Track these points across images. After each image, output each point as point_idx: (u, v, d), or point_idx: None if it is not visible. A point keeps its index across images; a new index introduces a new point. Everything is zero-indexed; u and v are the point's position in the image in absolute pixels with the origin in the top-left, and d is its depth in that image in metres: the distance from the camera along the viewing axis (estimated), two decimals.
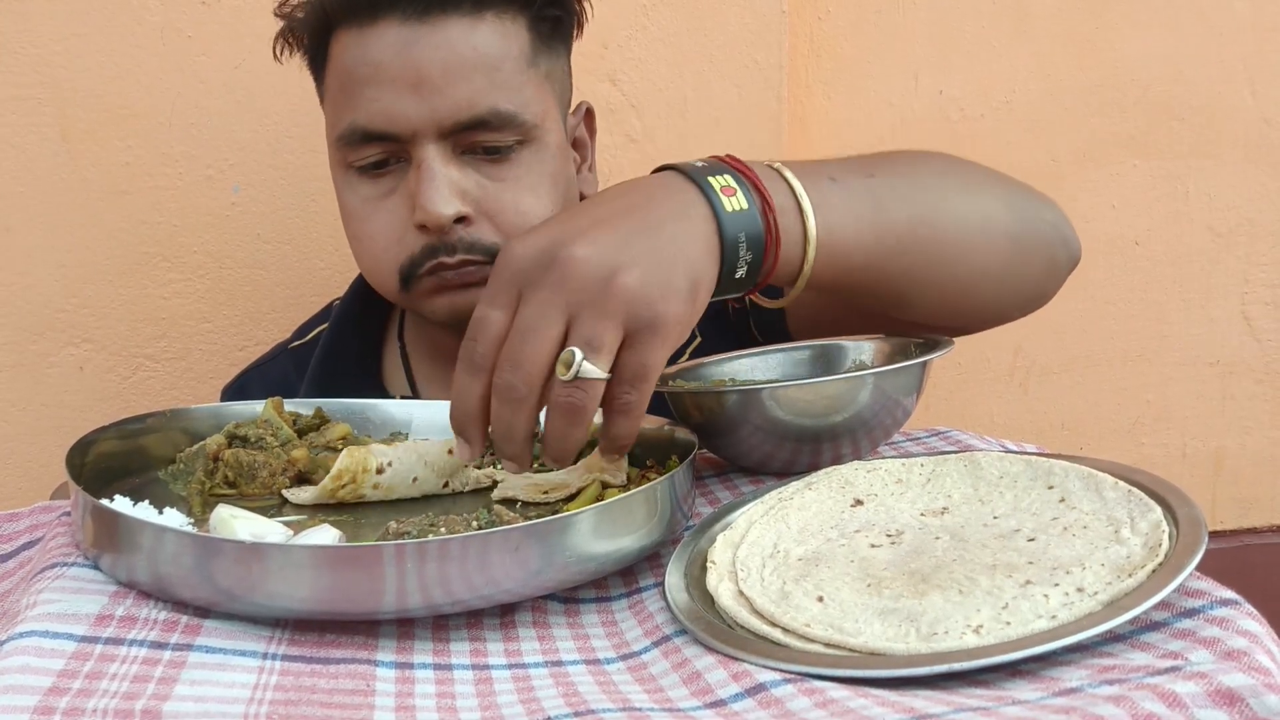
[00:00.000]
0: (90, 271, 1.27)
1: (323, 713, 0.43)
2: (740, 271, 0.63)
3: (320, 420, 0.74)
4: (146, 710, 0.41)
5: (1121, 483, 0.52)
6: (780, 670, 0.44)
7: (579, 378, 0.55)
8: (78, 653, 0.45)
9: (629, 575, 0.57)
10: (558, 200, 0.90)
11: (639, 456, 0.67)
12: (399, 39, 0.83)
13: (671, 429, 0.69)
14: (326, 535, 0.54)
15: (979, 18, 1.47)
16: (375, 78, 0.84)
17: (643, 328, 0.56)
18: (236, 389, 1.08)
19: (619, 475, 0.64)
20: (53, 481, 1.00)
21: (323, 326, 1.06)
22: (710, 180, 0.63)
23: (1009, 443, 0.71)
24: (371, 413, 0.77)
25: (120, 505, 0.58)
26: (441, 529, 0.55)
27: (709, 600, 0.51)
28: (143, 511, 0.58)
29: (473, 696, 0.46)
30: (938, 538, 0.52)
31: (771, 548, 0.53)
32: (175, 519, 0.58)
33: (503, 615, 0.53)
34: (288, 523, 0.59)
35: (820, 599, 0.48)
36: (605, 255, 0.57)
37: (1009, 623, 0.43)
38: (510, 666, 0.48)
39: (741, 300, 0.83)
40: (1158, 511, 0.49)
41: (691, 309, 0.59)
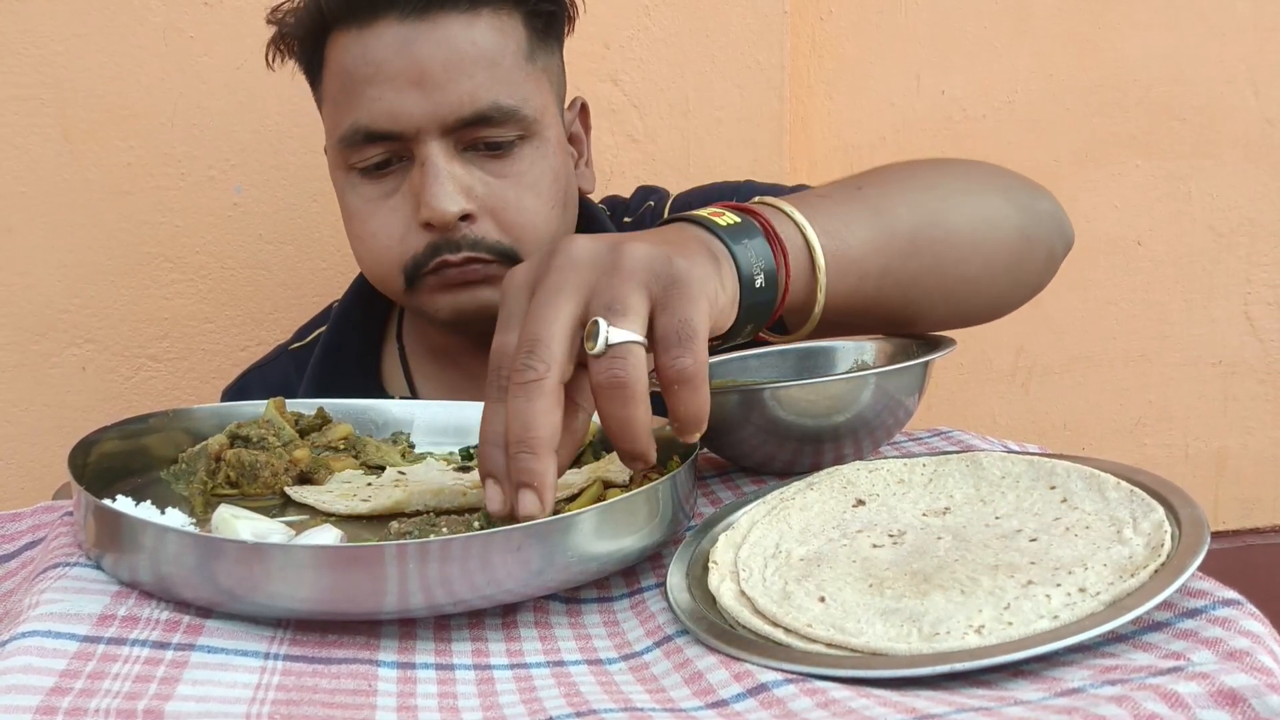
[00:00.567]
0: (92, 272, 1.27)
1: (324, 713, 0.43)
2: (759, 279, 0.59)
3: (322, 420, 0.74)
4: (149, 710, 0.41)
5: (1124, 483, 0.52)
6: (782, 670, 0.44)
7: (610, 346, 0.49)
8: (80, 653, 0.45)
9: (631, 575, 0.57)
10: (558, 195, 0.90)
11: None
12: (399, 37, 0.83)
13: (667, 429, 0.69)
14: (328, 535, 0.55)
15: (980, 18, 1.47)
16: (376, 77, 0.84)
17: (668, 285, 0.51)
18: (237, 390, 1.08)
19: (622, 475, 0.64)
20: (55, 482, 1.00)
21: (323, 328, 1.06)
22: (698, 212, 0.62)
23: (1011, 443, 0.71)
24: (373, 413, 0.77)
25: (122, 505, 0.58)
26: (443, 529, 0.56)
27: (711, 600, 0.51)
28: (145, 512, 0.58)
29: (474, 696, 0.46)
30: (940, 538, 0.52)
31: (773, 548, 0.53)
32: (177, 519, 0.58)
33: (504, 615, 0.53)
34: (290, 522, 0.59)
35: (822, 599, 0.48)
36: (604, 238, 0.54)
37: (1011, 623, 0.43)
38: (512, 666, 0.48)
39: None
40: (1160, 512, 0.49)
41: (715, 272, 0.55)
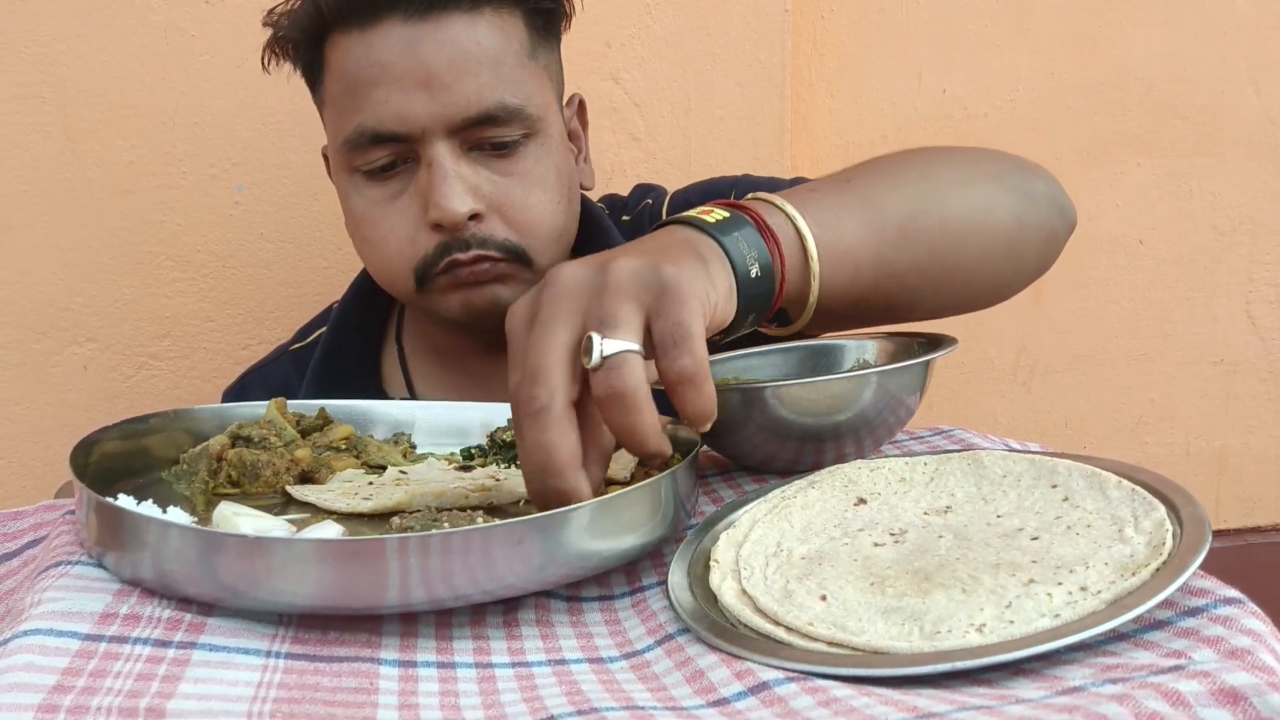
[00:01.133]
0: (94, 270, 1.27)
1: (326, 710, 0.43)
2: (754, 269, 0.60)
3: (324, 421, 0.74)
4: (151, 708, 0.41)
5: (1125, 481, 0.52)
6: (783, 669, 0.44)
7: (605, 358, 0.51)
8: (82, 651, 0.45)
9: (632, 573, 0.57)
10: (563, 192, 0.90)
11: None
12: (402, 38, 0.83)
13: (674, 427, 0.69)
14: (330, 531, 0.55)
15: (982, 16, 1.47)
16: (381, 78, 0.83)
17: (658, 293, 0.53)
18: (237, 390, 1.08)
19: (623, 472, 0.64)
20: (56, 480, 1.00)
21: (323, 329, 1.06)
22: (687, 213, 0.62)
23: (1012, 441, 0.70)
24: (374, 413, 0.77)
25: (124, 503, 0.58)
26: (444, 523, 0.56)
27: (712, 599, 0.51)
28: (146, 510, 0.58)
29: (476, 695, 0.46)
30: (941, 536, 0.52)
31: (775, 546, 0.53)
32: (179, 518, 0.58)
33: (506, 613, 0.53)
34: (291, 520, 0.59)
35: (823, 598, 0.48)
36: (590, 261, 0.56)
37: (1012, 621, 0.43)
38: (514, 665, 0.48)
39: None
40: (1161, 510, 0.49)
41: (704, 270, 0.56)
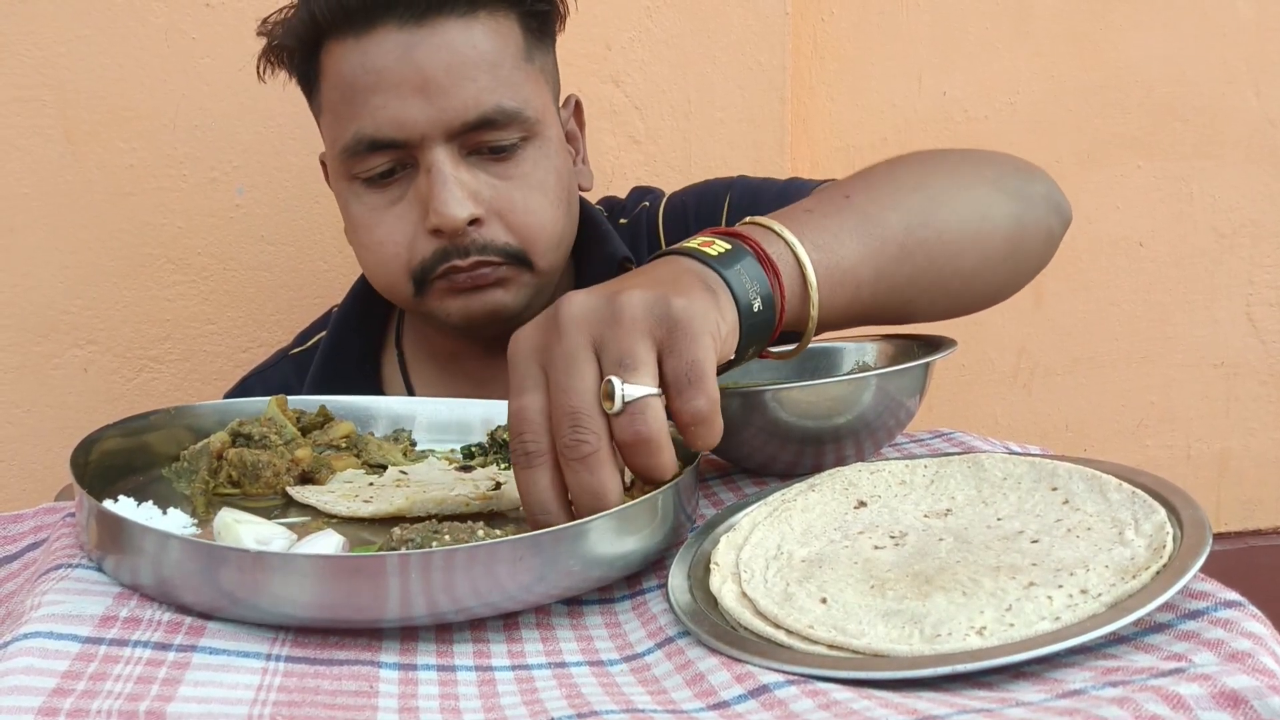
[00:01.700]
0: (94, 273, 1.27)
1: (326, 714, 0.43)
2: (756, 302, 0.60)
3: (324, 418, 0.74)
4: (150, 711, 0.41)
5: (1125, 484, 0.52)
6: (784, 672, 0.44)
7: (628, 403, 0.52)
8: (82, 654, 0.45)
9: (632, 576, 0.57)
10: (562, 194, 0.90)
11: None
12: (398, 44, 0.83)
13: (675, 432, 0.69)
14: (330, 541, 0.54)
15: (982, 19, 1.47)
16: (379, 84, 0.83)
17: (670, 328, 0.54)
18: (237, 394, 1.08)
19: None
20: (57, 483, 1.00)
21: (323, 333, 1.06)
22: (688, 243, 0.61)
23: (1013, 444, 0.70)
24: (375, 409, 0.77)
25: (124, 505, 0.58)
26: (445, 536, 0.55)
27: (712, 602, 0.51)
28: (146, 512, 0.58)
29: (476, 698, 0.46)
30: (941, 539, 0.52)
31: (775, 549, 0.53)
32: (179, 520, 0.58)
33: (506, 617, 0.53)
34: (291, 524, 0.59)
35: (824, 600, 0.48)
36: (599, 292, 0.56)
37: (1012, 624, 0.43)
38: (514, 668, 0.48)
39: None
40: (1162, 513, 0.49)
41: (714, 303, 0.56)
